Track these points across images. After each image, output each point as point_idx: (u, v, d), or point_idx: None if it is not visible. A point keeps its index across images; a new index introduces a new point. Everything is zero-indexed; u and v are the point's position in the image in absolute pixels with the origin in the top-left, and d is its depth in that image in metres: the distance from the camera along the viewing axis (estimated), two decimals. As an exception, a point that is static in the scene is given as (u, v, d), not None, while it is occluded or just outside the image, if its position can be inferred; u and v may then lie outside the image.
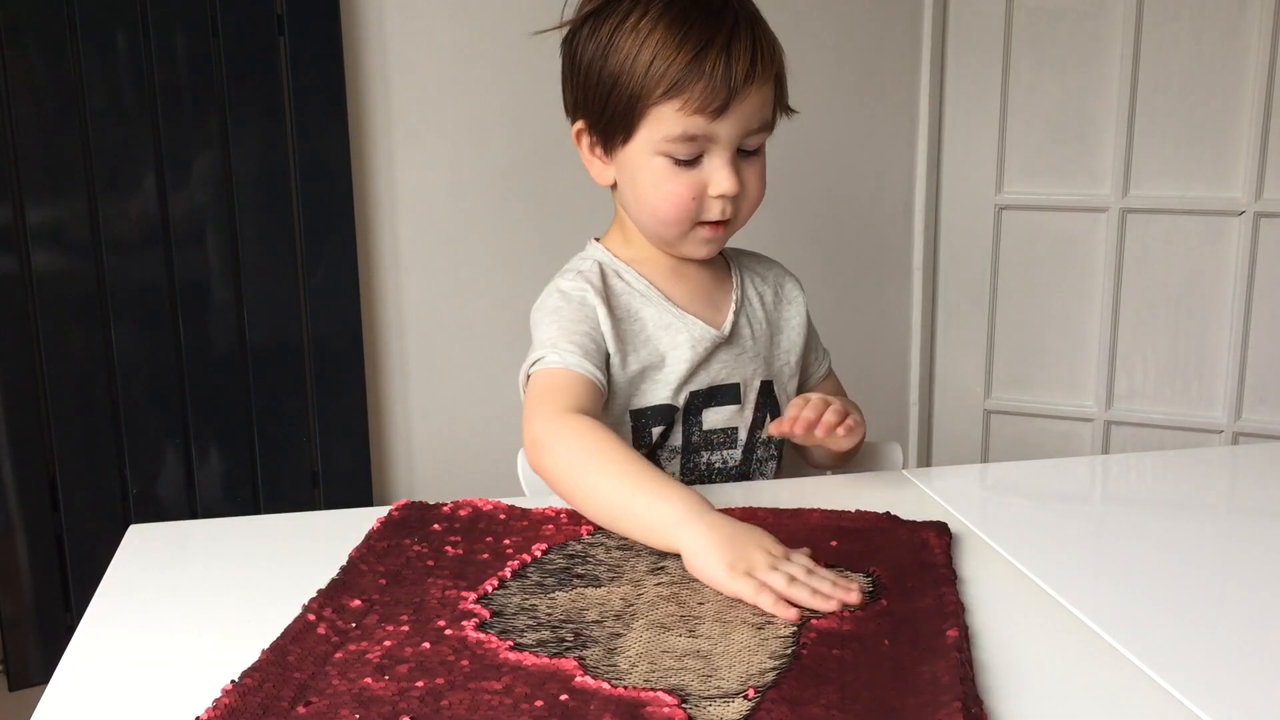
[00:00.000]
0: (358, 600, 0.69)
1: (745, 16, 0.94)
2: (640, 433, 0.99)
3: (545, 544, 0.79)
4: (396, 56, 1.80)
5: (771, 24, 0.97)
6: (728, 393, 1.02)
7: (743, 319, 1.04)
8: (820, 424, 0.92)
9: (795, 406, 0.94)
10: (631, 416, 0.99)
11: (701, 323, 1.00)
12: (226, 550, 0.82)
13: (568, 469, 0.84)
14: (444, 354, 1.92)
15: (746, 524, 0.76)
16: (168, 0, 1.63)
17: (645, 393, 0.99)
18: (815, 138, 2.05)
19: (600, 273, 1.00)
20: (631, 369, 0.98)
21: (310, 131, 1.74)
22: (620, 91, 0.93)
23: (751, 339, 1.04)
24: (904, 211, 2.22)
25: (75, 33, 1.59)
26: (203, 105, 1.68)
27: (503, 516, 0.84)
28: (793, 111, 1.01)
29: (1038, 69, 2.10)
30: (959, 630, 0.65)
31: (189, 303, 1.71)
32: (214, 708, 0.57)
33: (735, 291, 1.05)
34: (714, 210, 0.95)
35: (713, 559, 0.72)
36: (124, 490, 1.72)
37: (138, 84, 1.63)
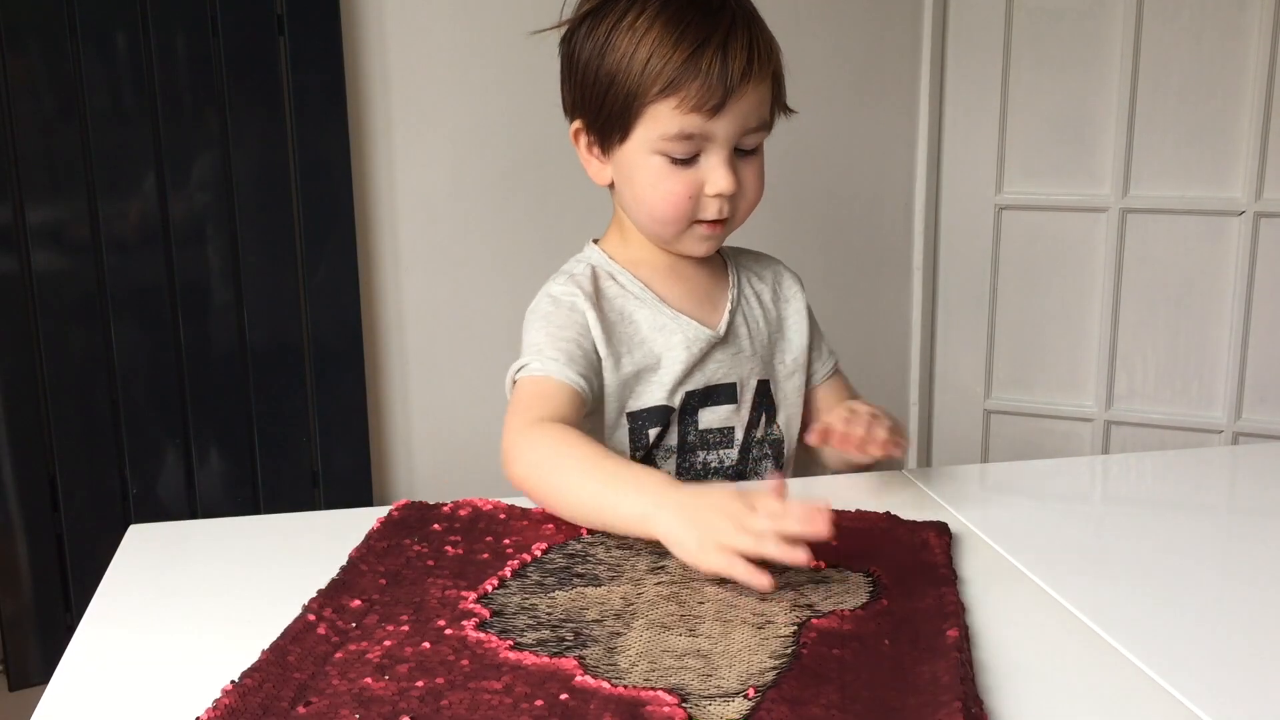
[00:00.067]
0: (358, 600, 0.69)
1: (742, 15, 0.94)
2: (637, 434, 0.99)
3: (545, 543, 0.79)
4: (396, 56, 1.80)
5: (770, 23, 0.97)
6: (724, 392, 1.02)
7: (739, 318, 1.04)
8: (871, 439, 0.93)
9: (846, 421, 0.94)
10: (628, 418, 0.99)
11: (696, 323, 1.00)
12: (226, 550, 0.82)
13: (538, 474, 0.84)
14: (444, 354, 1.92)
15: (708, 488, 0.76)
16: (168, 0, 1.63)
17: (641, 394, 0.99)
18: (815, 138, 2.05)
19: (592, 276, 1.00)
20: (626, 371, 0.98)
21: (310, 131, 1.74)
22: (617, 90, 0.93)
23: (749, 338, 1.04)
24: (904, 211, 2.22)
25: (75, 33, 1.59)
26: (203, 105, 1.67)
27: (503, 516, 0.84)
28: (791, 111, 1.01)
29: (1038, 69, 2.10)
30: (959, 630, 0.65)
31: (189, 303, 1.71)
32: (214, 708, 0.57)
33: (732, 290, 1.05)
34: (711, 209, 0.95)
35: (685, 543, 0.72)
36: (124, 490, 1.72)
37: (138, 84, 1.63)
